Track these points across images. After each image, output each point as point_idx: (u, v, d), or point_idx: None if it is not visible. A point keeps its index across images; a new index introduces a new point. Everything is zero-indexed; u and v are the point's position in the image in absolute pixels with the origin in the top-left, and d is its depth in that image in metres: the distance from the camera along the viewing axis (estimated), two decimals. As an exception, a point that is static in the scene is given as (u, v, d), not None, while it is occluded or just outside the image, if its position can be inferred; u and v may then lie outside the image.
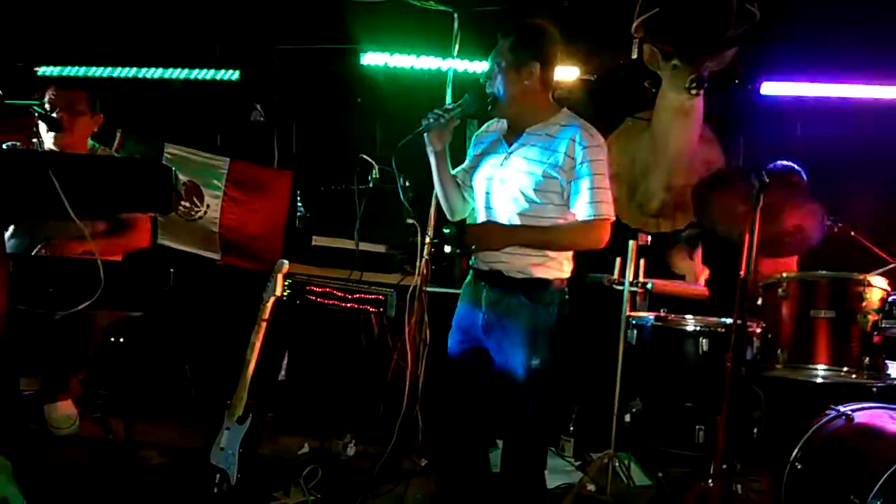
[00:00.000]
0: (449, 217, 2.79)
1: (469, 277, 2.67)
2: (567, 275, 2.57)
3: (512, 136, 2.56)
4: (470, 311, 2.61)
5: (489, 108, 2.55)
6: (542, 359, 2.46)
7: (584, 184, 2.43)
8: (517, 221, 2.49)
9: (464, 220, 2.77)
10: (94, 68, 4.51)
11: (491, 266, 2.54)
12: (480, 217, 2.62)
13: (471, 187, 2.66)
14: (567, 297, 2.55)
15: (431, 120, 2.53)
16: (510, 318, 2.49)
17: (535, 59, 2.48)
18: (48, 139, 3.08)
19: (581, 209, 2.45)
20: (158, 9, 4.33)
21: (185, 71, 4.58)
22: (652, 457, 3.47)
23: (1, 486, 2.32)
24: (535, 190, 2.46)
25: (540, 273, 2.49)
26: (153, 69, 4.59)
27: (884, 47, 3.87)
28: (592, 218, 2.44)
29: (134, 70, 4.59)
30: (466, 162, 2.72)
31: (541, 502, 2.62)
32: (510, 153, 2.53)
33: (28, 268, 2.57)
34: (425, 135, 2.58)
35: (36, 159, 2.48)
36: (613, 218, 2.49)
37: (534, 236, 2.47)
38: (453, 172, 2.71)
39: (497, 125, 2.67)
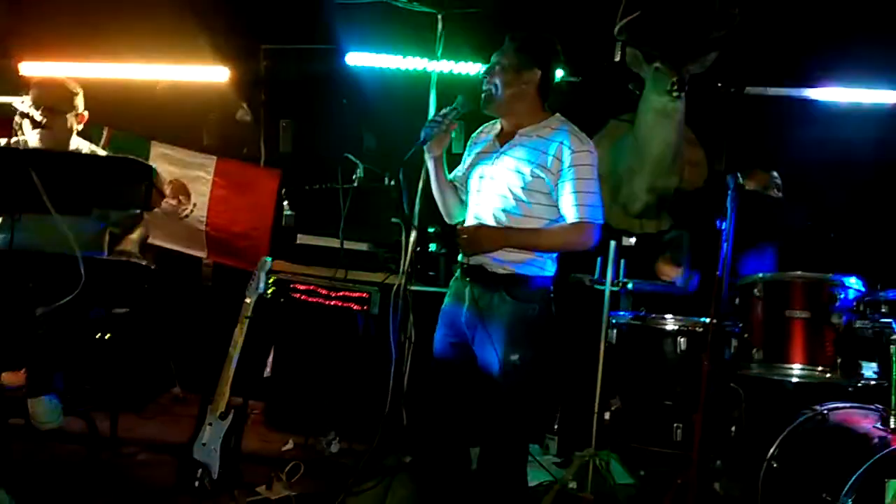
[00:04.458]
0: (447, 220, 2.82)
1: (457, 273, 2.71)
2: (550, 273, 2.60)
3: (504, 137, 2.62)
4: (455, 306, 2.64)
5: (482, 104, 2.60)
6: (521, 355, 2.48)
7: (570, 187, 2.49)
8: (504, 219, 2.53)
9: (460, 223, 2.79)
10: (81, 65, 4.51)
11: (475, 262, 2.58)
12: (470, 215, 2.65)
13: (467, 189, 2.70)
14: (551, 295, 2.58)
15: (431, 129, 2.56)
16: (491, 314, 2.52)
17: (537, 65, 2.56)
18: (32, 137, 3.09)
19: (567, 212, 2.50)
20: (146, 7, 4.34)
21: (173, 69, 4.59)
22: (632, 455, 3.49)
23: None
24: (522, 188, 2.50)
25: (522, 270, 2.53)
26: (140, 67, 4.60)
27: (868, 51, 3.91)
28: (577, 220, 2.48)
29: (122, 67, 4.60)
30: (461, 164, 2.76)
31: (520, 500, 2.64)
32: (501, 153, 2.58)
33: (9, 263, 2.58)
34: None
35: (17, 157, 2.50)
36: (601, 221, 2.53)
37: (522, 238, 2.51)
38: (450, 177, 2.75)
39: (492, 128, 2.72)
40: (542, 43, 2.60)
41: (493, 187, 2.56)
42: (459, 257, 2.68)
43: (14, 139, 3.07)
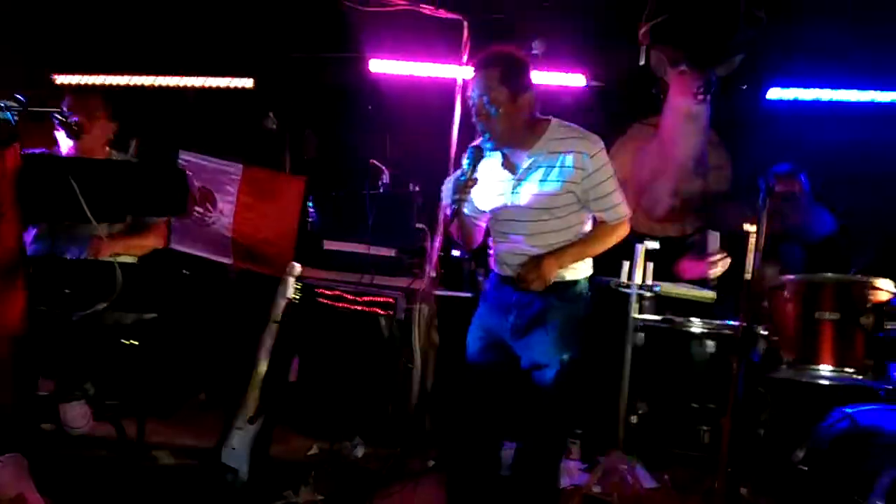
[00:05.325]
0: (466, 248, 2.80)
1: (492, 279, 2.72)
2: (590, 272, 2.66)
3: (514, 161, 2.59)
4: (496, 313, 2.65)
5: (490, 146, 2.54)
6: (571, 354, 2.52)
7: (601, 190, 2.52)
8: (544, 241, 2.55)
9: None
10: (111, 77, 4.60)
11: (518, 272, 2.58)
12: (504, 246, 2.64)
13: (483, 213, 2.69)
14: (589, 294, 2.63)
15: (458, 201, 2.48)
16: (543, 318, 2.54)
17: (529, 87, 2.51)
18: (66, 145, 3.15)
19: (607, 215, 2.56)
20: (174, 18, 4.41)
21: (200, 79, 4.65)
22: (658, 458, 3.48)
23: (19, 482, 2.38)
24: (553, 208, 2.52)
25: (569, 276, 2.58)
26: (168, 77, 4.67)
27: (889, 53, 3.89)
28: (617, 220, 2.57)
29: (150, 79, 4.67)
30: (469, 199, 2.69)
31: (554, 498, 2.66)
32: (518, 179, 2.56)
33: (47, 270, 2.63)
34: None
35: (56, 164, 2.55)
36: (631, 212, 2.61)
37: (576, 254, 2.56)
38: (467, 212, 2.69)
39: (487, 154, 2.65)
40: (519, 62, 2.53)
41: (522, 215, 2.56)
42: (496, 268, 2.70)
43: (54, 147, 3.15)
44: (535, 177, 2.53)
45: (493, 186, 2.62)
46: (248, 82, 4.62)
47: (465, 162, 2.52)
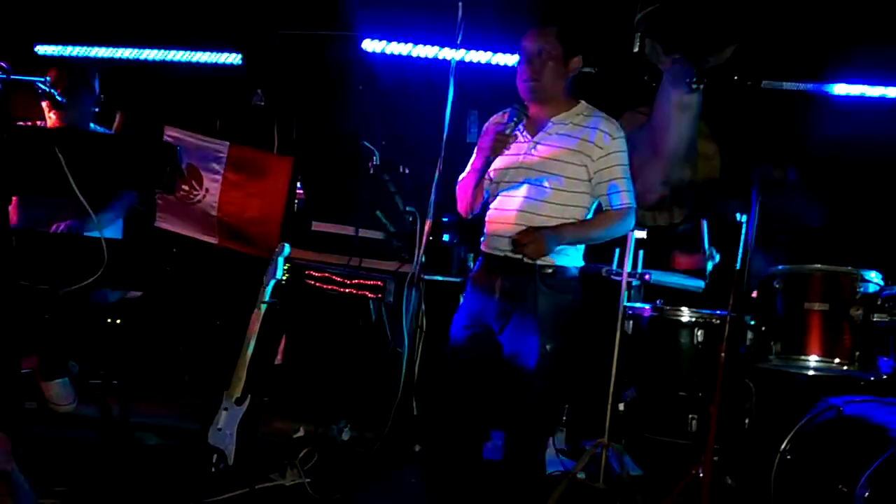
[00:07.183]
0: (463, 213, 2.76)
1: (480, 263, 2.69)
2: (581, 263, 2.63)
3: (535, 125, 2.59)
4: (481, 296, 2.62)
5: (531, 96, 2.56)
6: (556, 344, 2.49)
7: (614, 173, 2.52)
8: (540, 208, 2.52)
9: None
10: (95, 48, 4.50)
11: (506, 253, 2.55)
12: (501, 207, 2.61)
13: (490, 179, 2.67)
14: (579, 284, 2.60)
15: (497, 147, 2.53)
16: (527, 305, 2.51)
17: (579, 52, 2.56)
18: (51, 117, 3.09)
19: (614, 199, 2.55)
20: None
21: (187, 54, 4.57)
22: (646, 446, 3.50)
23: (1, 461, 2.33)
24: (562, 177, 2.51)
25: (560, 261, 2.55)
26: (154, 51, 4.58)
27: (880, 46, 3.91)
28: (625, 206, 2.54)
29: (135, 52, 4.58)
30: (478, 156, 2.69)
31: (540, 486, 2.66)
32: (535, 142, 2.56)
33: (31, 244, 2.57)
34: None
35: (43, 136, 2.49)
36: (636, 205, 2.60)
37: (577, 232, 2.53)
38: (469, 168, 2.71)
39: (501, 116, 2.65)
40: (577, 29, 2.59)
41: (528, 177, 2.55)
42: (486, 248, 2.67)
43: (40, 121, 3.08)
44: (551, 141, 2.54)
45: (506, 147, 2.59)
46: (236, 59, 4.54)
47: (508, 117, 2.55)
